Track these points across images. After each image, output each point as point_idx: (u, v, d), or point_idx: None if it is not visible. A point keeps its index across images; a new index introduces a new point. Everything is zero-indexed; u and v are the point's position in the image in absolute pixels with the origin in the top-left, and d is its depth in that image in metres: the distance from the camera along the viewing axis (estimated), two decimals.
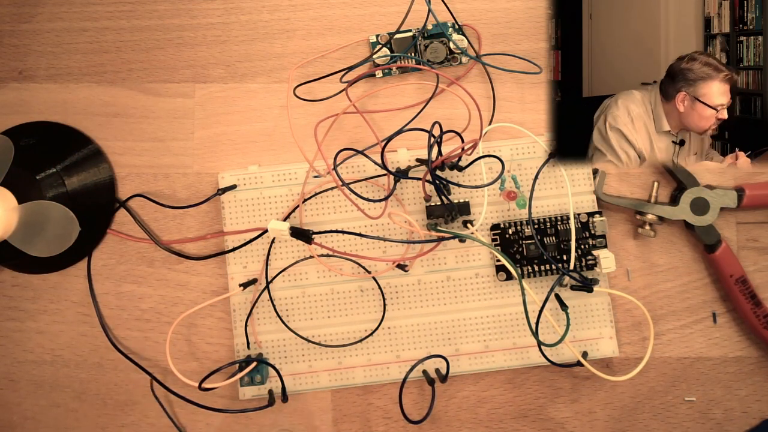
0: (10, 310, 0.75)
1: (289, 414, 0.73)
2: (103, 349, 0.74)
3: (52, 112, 0.76)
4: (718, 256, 0.71)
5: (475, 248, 0.72)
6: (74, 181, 0.73)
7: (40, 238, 0.70)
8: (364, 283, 0.72)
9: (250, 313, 0.72)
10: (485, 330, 0.72)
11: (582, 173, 0.73)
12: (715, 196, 0.71)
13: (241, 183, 0.73)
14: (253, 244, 0.72)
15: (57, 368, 0.75)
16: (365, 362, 0.72)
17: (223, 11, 0.77)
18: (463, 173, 0.71)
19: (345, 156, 0.67)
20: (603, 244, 0.72)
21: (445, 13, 0.75)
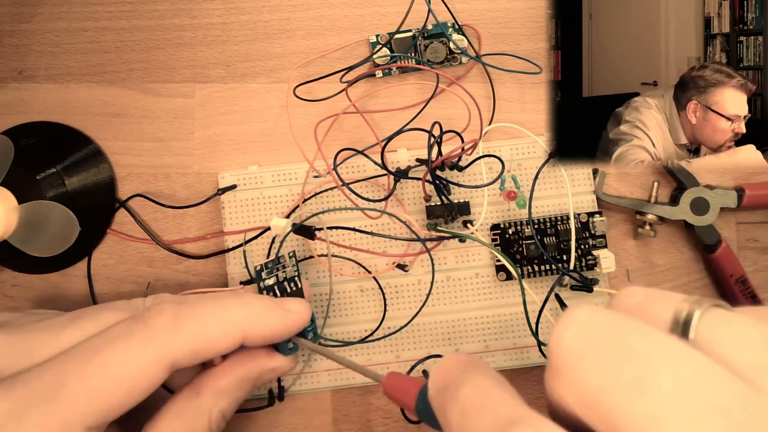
0: (10, 310, 0.74)
1: (288, 414, 0.73)
2: None
3: (52, 112, 0.76)
4: (718, 256, 0.71)
5: (475, 248, 0.72)
6: (74, 181, 0.73)
7: (40, 238, 0.70)
8: (364, 282, 0.72)
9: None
10: (485, 330, 0.72)
11: (582, 173, 0.73)
12: (715, 196, 0.71)
13: (241, 183, 0.73)
14: (253, 245, 0.72)
15: None
16: (365, 362, 0.72)
17: (223, 11, 0.77)
18: (463, 173, 0.71)
19: (345, 156, 0.67)
20: (603, 244, 0.72)
21: (445, 13, 0.75)
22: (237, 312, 0.57)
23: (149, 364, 0.52)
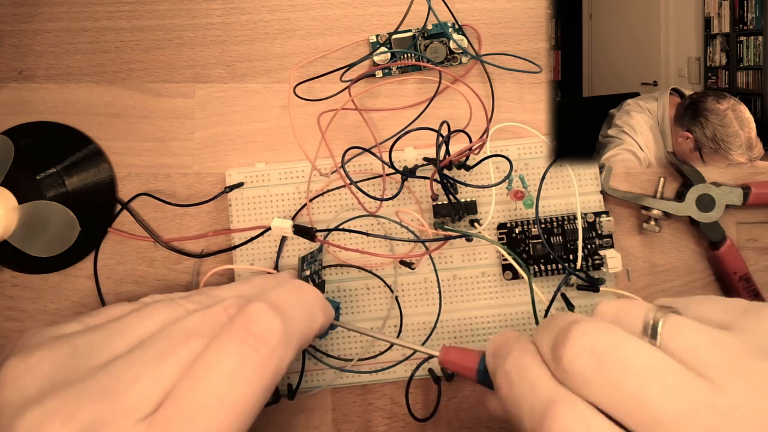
0: (10, 310, 0.74)
1: (289, 414, 0.73)
2: None
3: (52, 112, 0.76)
4: (723, 253, 0.72)
5: (481, 247, 0.72)
6: (74, 181, 0.73)
7: (40, 238, 0.69)
8: (370, 281, 0.72)
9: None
10: (491, 329, 0.72)
11: (589, 173, 0.73)
12: (721, 193, 0.71)
13: (248, 180, 0.73)
14: (262, 243, 0.73)
15: None
16: (371, 360, 0.72)
17: (223, 11, 0.77)
18: (470, 172, 0.71)
19: (353, 154, 0.67)
20: (610, 244, 0.72)
21: (445, 13, 0.76)
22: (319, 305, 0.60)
23: (269, 384, 0.51)
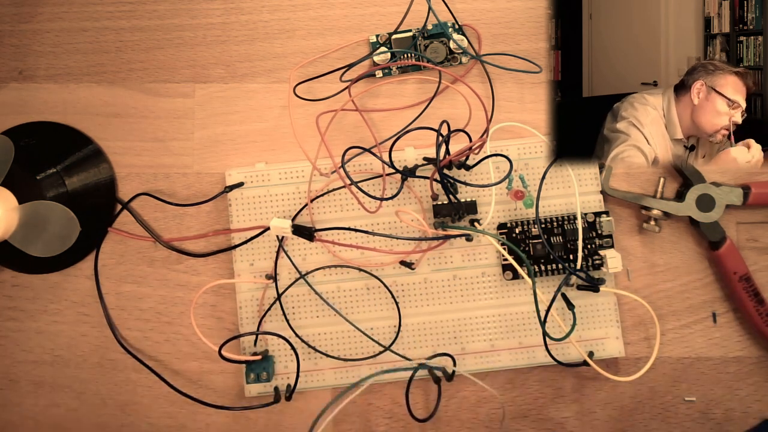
0: (10, 310, 0.75)
1: (289, 414, 0.73)
2: (103, 349, 0.74)
3: (52, 112, 0.76)
4: (723, 253, 0.71)
5: (481, 247, 0.72)
6: (74, 181, 0.73)
7: (40, 238, 0.69)
8: (370, 281, 0.72)
9: (268, 310, 0.73)
10: (491, 329, 0.72)
11: (589, 173, 0.73)
12: (721, 193, 0.71)
13: (248, 180, 0.73)
14: (262, 242, 0.72)
15: (57, 368, 0.75)
16: (371, 360, 0.72)
17: (223, 11, 0.77)
18: (470, 172, 0.71)
19: (352, 154, 0.67)
20: (609, 244, 0.72)
21: (445, 13, 0.76)
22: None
23: None
